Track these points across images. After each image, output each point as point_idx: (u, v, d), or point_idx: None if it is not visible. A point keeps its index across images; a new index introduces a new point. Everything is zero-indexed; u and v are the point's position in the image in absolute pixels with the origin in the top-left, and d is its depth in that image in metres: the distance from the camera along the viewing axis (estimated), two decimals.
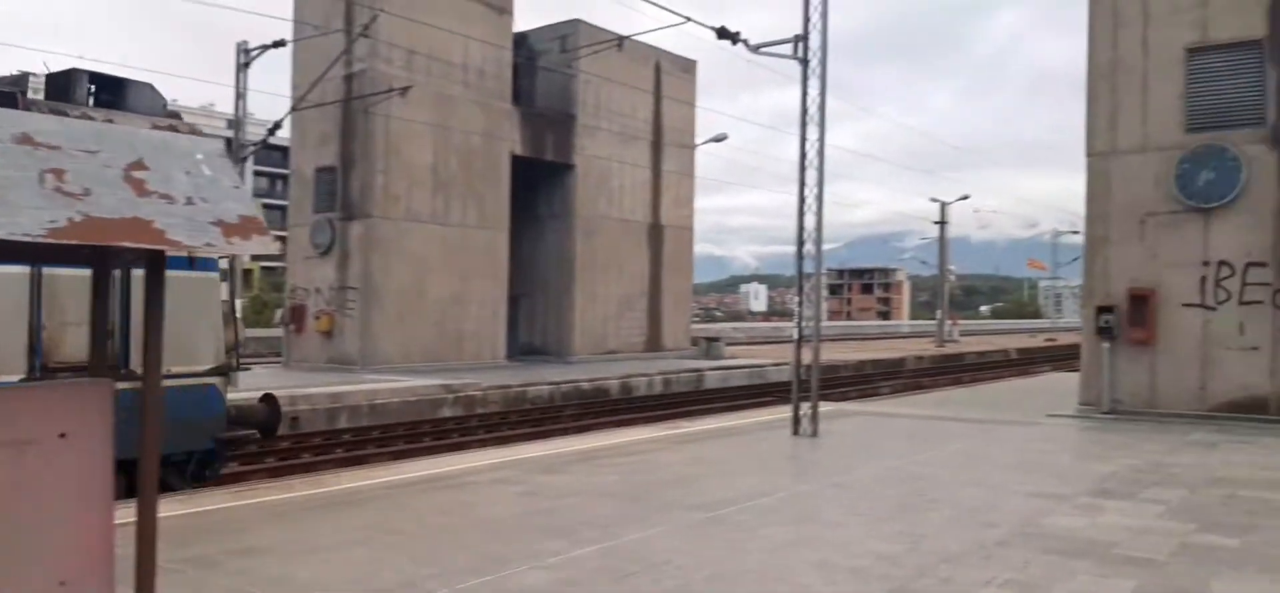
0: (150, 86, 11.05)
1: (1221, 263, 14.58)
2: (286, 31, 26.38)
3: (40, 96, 10.67)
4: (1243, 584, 5.93)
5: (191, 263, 10.14)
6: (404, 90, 24.54)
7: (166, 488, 9.82)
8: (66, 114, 9.00)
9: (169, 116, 10.76)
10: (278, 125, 22.24)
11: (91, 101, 10.07)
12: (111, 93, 10.39)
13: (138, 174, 3.48)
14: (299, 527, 7.53)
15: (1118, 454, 11.33)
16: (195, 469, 11.04)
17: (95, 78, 10.40)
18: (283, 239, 29.13)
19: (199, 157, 3.84)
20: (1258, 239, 14.30)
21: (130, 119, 9.69)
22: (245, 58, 24.84)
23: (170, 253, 3.61)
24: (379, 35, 25.09)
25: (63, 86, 10.11)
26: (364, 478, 9.76)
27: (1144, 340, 15.00)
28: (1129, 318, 15.15)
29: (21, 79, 10.85)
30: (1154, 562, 6.45)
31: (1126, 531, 7.36)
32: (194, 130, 10.08)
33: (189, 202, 3.58)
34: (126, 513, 3.91)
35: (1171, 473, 10.00)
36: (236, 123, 25.09)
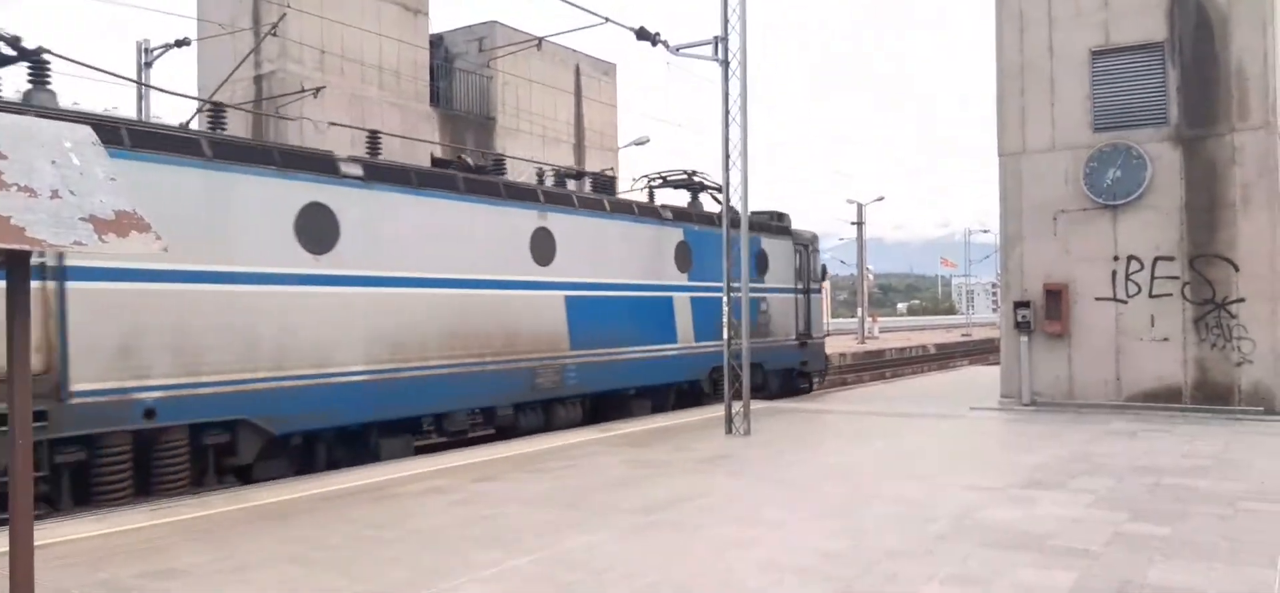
0: (787, 215, 20.74)
1: (1131, 257, 15.06)
2: (190, 30, 25.44)
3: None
4: (1178, 572, 6.02)
5: (808, 292, 21.28)
6: (317, 91, 23.80)
7: (798, 391, 20.76)
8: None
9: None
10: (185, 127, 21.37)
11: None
12: (779, 219, 20.36)
13: None
14: (223, 545, 7.14)
15: (1043, 445, 11.56)
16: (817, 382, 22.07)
17: (776, 214, 20.72)
18: None
19: (67, 145, 3.41)
20: (1165, 234, 14.81)
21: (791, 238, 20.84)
22: (147, 57, 23.82)
23: (35, 256, 3.23)
24: (288, 35, 24.31)
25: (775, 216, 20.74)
26: (291, 491, 9.35)
27: (1059, 333, 15.42)
28: (1045, 312, 15.54)
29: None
30: (1090, 552, 6.52)
31: (1061, 521, 7.46)
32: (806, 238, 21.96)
33: (55, 195, 3.23)
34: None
35: (1097, 462, 10.22)
36: None
